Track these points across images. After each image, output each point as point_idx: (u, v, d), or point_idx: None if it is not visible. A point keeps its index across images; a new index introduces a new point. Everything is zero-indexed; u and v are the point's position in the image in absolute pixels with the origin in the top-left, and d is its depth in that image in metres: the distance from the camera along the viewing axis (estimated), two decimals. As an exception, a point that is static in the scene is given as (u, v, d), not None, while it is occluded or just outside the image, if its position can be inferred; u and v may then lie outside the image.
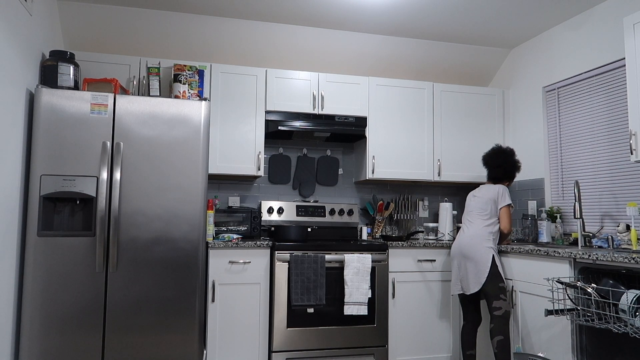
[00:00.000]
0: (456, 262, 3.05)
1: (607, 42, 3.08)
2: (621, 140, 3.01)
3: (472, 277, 2.91)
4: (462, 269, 2.99)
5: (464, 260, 2.97)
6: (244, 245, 3.05)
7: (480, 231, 2.97)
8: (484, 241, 2.93)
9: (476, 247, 2.93)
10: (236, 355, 3.01)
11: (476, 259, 2.91)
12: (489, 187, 3.10)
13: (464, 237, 3.02)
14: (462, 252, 2.99)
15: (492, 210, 3.02)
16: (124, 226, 2.69)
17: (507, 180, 3.17)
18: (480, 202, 3.06)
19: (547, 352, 2.65)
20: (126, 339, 2.65)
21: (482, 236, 2.95)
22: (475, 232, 2.98)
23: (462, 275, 2.99)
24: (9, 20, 2.36)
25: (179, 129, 2.82)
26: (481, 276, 2.87)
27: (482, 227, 2.98)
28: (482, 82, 4.26)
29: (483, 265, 2.88)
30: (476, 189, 3.21)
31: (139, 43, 3.49)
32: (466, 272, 2.95)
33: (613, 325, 2.18)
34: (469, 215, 3.10)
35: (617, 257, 2.23)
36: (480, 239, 2.94)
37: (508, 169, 3.12)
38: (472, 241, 2.95)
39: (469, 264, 2.93)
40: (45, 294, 2.56)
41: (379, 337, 3.18)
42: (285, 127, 3.43)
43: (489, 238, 2.95)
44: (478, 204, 3.07)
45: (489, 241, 2.94)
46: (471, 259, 2.93)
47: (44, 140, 2.61)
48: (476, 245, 2.93)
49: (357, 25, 3.57)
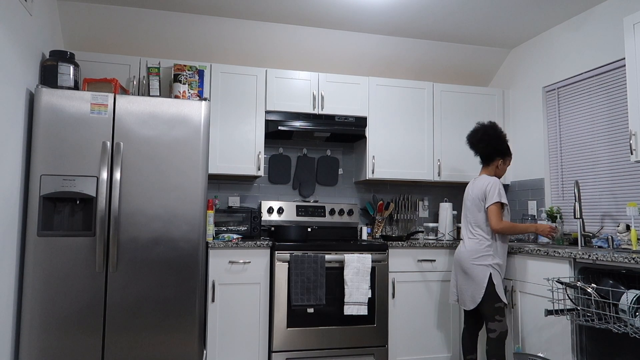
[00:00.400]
0: (454, 273, 2.98)
1: (607, 42, 3.08)
2: (621, 140, 3.01)
3: (468, 295, 2.82)
4: (459, 282, 2.90)
5: (462, 275, 2.87)
6: (244, 245, 3.05)
7: (477, 245, 2.81)
8: (481, 257, 2.78)
9: (473, 263, 2.79)
10: (236, 355, 3.01)
11: (472, 277, 2.79)
12: (480, 180, 2.90)
13: (463, 250, 2.88)
14: (460, 265, 2.88)
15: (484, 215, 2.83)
16: (124, 226, 2.69)
17: (498, 157, 2.93)
18: (473, 201, 2.89)
19: (547, 352, 2.65)
20: (126, 339, 2.65)
21: (480, 251, 2.79)
22: (473, 247, 2.82)
23: (459, 290, 2.91)
24: (9, 20, 2.36)
25: (179, 129, 2.82)
26: (476, 296, 2.77)
27: (480, 240, 2.81)
28: (482, 82, 4.26)
29: (478, 285, 2.75)
30: (472, 180, 3.02)
31: (139, 43, 3.49)
32: (463, 288, 2.86)
33: (613, 325, 2.18)
34: (466, 219, 2.94)
35: (617, 257, 2.23)
36: (478, 254, 2.79)
37: (492, 142, 2.90)
38: (470, 256, 2.81)
39: (466, 281, 2.83)
40: (45, 294, 2.56)
41: (379, 337, 3.18)
42: (285, 127, 3.43)
43: (487, 253, 2.78)
44: (471, 205, 2.90)
45: (487, 257, 2.77)
46: (468, 275, 2.82)
47: (44, 140, 2.61)
48: (473, 262, 2.79)
49: (357, 25, 3.57)
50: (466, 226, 2.93)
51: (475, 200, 2.88)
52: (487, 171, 2.99)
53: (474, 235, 2.85)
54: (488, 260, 2.77)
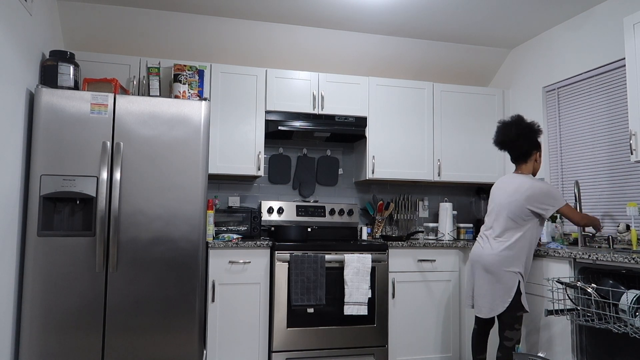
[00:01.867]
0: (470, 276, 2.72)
1: (607, 42, 3.08)
2: (621, 140, 3.01)
3: (487, 302, 2.58)
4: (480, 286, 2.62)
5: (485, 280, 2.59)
6: (244, 245, 3.05)
7: (509, 251, 2.54)
8: (513, 264, 2.53)
9: (504, 269, 2.53)
10: (236, 355, 3.01)
11: (501, 283, 2.53)
12: (523, 183, 2.60)
13: (490, 253, 2.59)
14: (485, 269, 2.59)
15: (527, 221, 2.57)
16: (124, 226, 2.69)
17: (536, 150, 2.68)
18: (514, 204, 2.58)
19: (547, 352, 2.65)
20: (126, 339, 2.65)
21: (511, 257, 2.53)
22: (504, 251, 2.55)
23: (476, 294, 2.65)
24: (9, 20, 2.36)
25: (179, 129, 2.82)
26: (499, 304, 2.53)
27: (511, 245, 2.55)
28: (482, 82, 4.26)
29: (506, 293, 2.51)
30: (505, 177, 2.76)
31: (139, 43, 3.49)
32: (482, 293, 2.61)
33: (613, 325, 2.18)
34: (497, 221, 2.64)
35: (617, 257, 2.22)
36: (509, 259, 2.53)
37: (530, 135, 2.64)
38: (500, 261, 2.54)
39: (490, 287, 2.57)
40: (45, 294, 2.56)
41: (379, 337, 3.18)
42: (285, 127, 3.43)
43: (519, 260, 2.54)
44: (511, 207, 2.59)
45: (518, 264, 2.53)
46: (494, 281, 2.56)
47: (44, 140, 2.61)
48: (504, 267, 2.53)
49: (357, 25, 3.57)
50: (497, 228, 2.63)
51: (518, 204, 2.57)
52: (525, 169, 2.70)
53: (506, 239, 2.57)
54: (518, 267, 2.54)
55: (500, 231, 2.61)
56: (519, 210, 2.57)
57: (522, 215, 2.57)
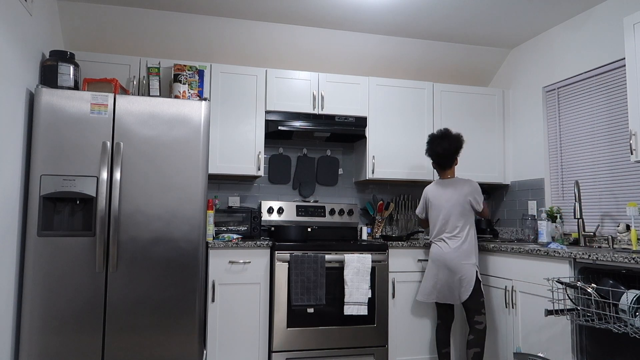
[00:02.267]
0: (435, 273, 3.03)
1: (607, 42, 3.08)
2: (621, 140, 3.01)
3: (455, 292, 2.95)
4: (445, 281, 2.98)
5: (449, 274, 2.96)
6: (244, 245, 3.05)
7: (465, 245, 2.96)
8: (469, 257, 2.95)
9: (463, 263, 2.93)
10: (236, 355, 3.01)
11: (462, 276, 2.92)
12: (461, 183, 3.07)
13: (448, 251, 2.97)
14: (447, 265, 2.97)
15: (469, 215, 3.03)
16: (124, 226, 2.69)
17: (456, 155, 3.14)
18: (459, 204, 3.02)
19: (547, 352, 2.65)
20: (126, 339, 2.65)
21: (468, 251, 2.96)
22: (461, 247, 2.95)
23: (448, 288, 2.98)
24: (9, 20, 2.36)
25: (179, 129, 2.82)
26: (464, 293, 2.92)
27: (464, 241, 2.97)
28: (482, 82, 4.26)
29: (469, 283, 2.92)
30: (435, 184, 3.17)
31: (139, 43, 3.49)
32: (451, 287, 2.96)
33: (613, 325, 2.18)
34: (447, 222, 3.03)
35: (617, 257, 2.23)
36: (466, 255, 2.95)
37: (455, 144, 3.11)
38: (459, 256, 2.94)
39: (454, 280, 2.95)
40: (45, 294, 2.56)
41: (379, 337, 3.18)
42: (285, 127, 3.43)
43: (472, 253, 2.97)
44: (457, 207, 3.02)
45: (472, 257, 2.96)
46: (457, 274, 2.94)
47: (44, 140, 2.61)
48: (463, 261, 2.93)
49: (357, 25, 3.57)
50: (449, 228, 3.01)
51: (462, 203, 3.02)
52: (451, 172, 3.17)
53: (458, 237, 2.98)
54: (474, 259, 2.97)
55: (455, 231, 3.00)
56: (466, 204, 3.02)
57: (468, 208, 3.03)
